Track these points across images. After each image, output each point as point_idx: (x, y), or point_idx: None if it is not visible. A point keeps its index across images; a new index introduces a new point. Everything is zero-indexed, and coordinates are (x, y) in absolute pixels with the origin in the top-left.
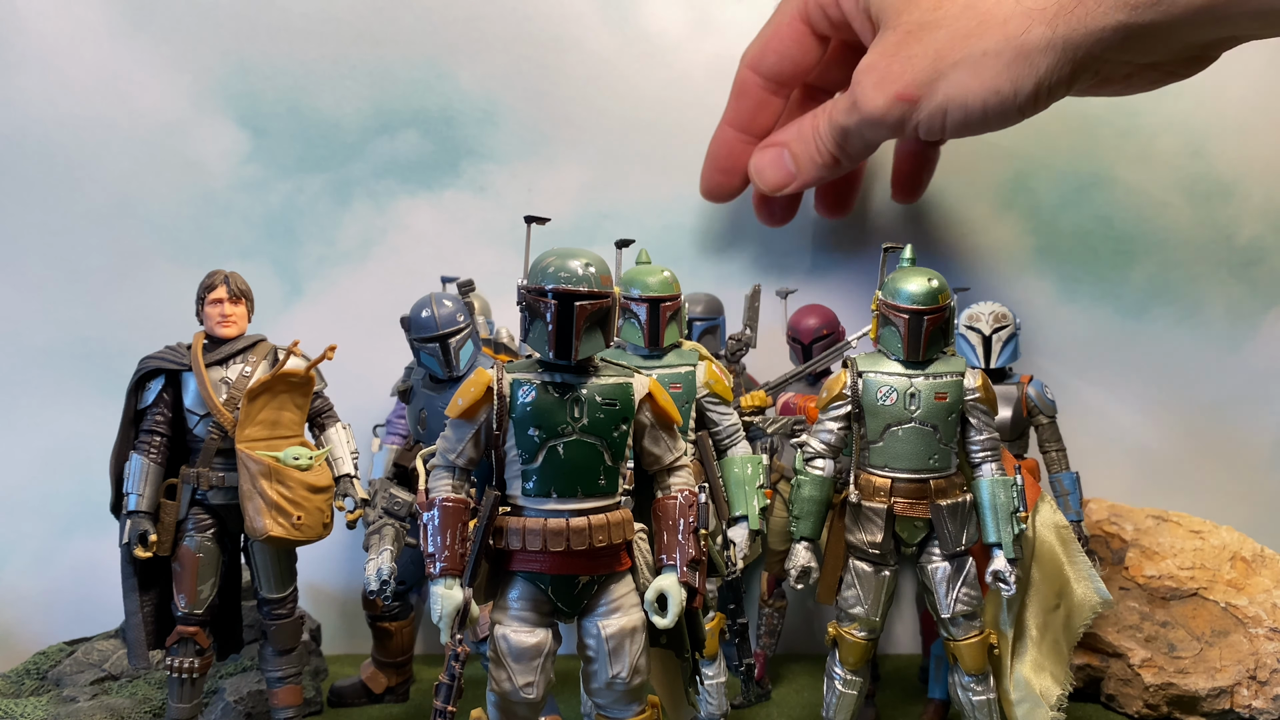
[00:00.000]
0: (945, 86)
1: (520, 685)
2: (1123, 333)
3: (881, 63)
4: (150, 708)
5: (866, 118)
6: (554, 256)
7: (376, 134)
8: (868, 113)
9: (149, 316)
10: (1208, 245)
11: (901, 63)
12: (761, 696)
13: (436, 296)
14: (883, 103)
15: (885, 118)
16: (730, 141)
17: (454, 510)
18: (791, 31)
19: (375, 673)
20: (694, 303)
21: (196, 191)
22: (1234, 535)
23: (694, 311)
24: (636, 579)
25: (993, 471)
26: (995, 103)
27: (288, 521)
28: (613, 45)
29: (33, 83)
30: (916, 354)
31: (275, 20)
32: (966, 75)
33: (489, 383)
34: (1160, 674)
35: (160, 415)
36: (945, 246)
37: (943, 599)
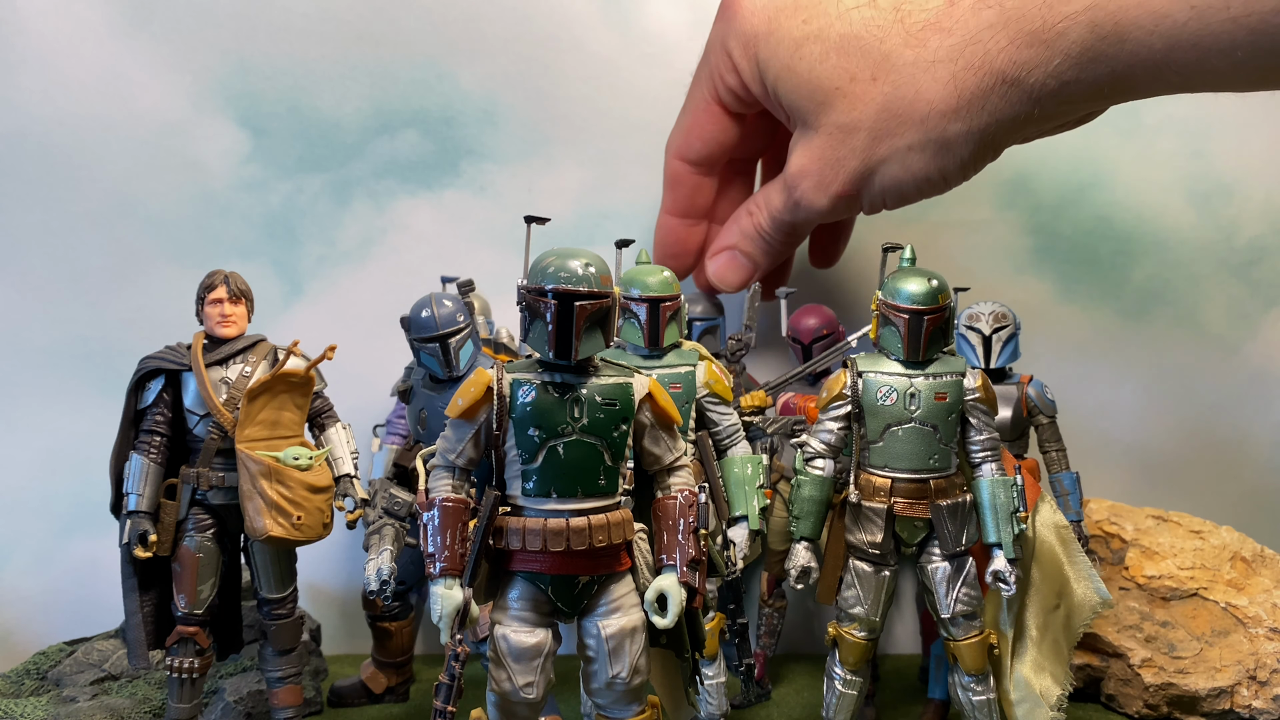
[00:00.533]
0: (878, 179)
1: (520, 685)
2: (1122, 333)
3: (815, 168)
4: (150, 708)
5: (811, 216)
6: (554, 256)
7: (377, 134)
8: (813, 212)
9: (149, 316)
10: (1208, 245)
11: (834, 167)
12: (761, 696)
13: (436, 296)
14: (825, 203)
15: (829, 213)
16: (674, 229)
17: (454, 510)
18: (709, 116)
19: (375, 673)
20: (694, 303)
21: (197, 191)
22: (1234, 535)
23: (694, 311)
24: (636, 579)
25: (993, 471)
26: (926, 186)
27: (288, 521)
28: (613, 45)
29: (33, 82)
30: (916, 354)
31: (275, 20)
32: (896, 168)
33: (489, 383)
34: (1160, 674)
35: (160, 415)
36: (945, 246)
37: (943, 599)
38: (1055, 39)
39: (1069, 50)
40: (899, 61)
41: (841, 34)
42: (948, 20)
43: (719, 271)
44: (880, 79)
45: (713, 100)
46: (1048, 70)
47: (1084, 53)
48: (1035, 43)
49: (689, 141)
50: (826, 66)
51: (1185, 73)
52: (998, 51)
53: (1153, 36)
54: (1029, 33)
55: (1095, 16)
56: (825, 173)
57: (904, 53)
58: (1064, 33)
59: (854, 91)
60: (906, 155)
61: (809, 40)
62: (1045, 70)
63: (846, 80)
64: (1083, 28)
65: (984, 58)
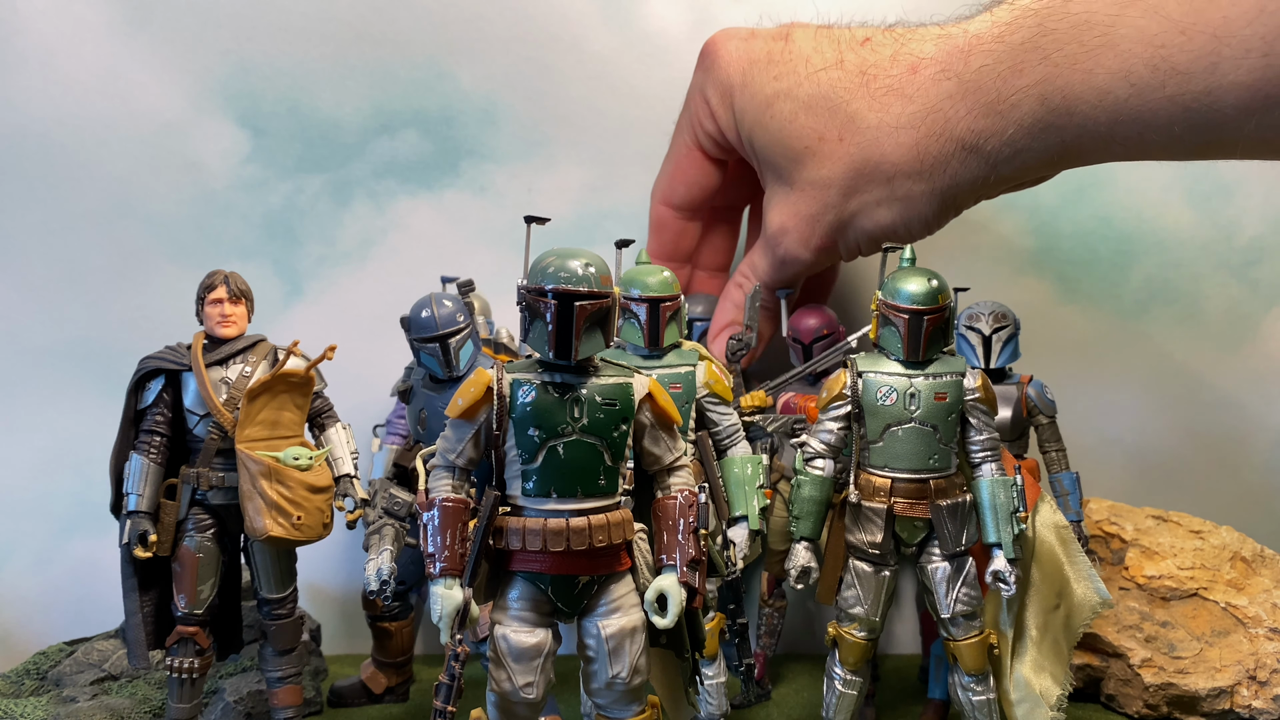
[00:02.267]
0: (852, 231)
1: (520, 685)
2: (1123, 333)
3: (793, 224)
4: (150, 708)
5: (797, 270)
6: (554, 256)
7: (376, 134)
8: (798, 265)
9: (149, 316)
10: (1208, 245)
11: (810, 222)
12: (761, 696)
13: (436, 296)
14: (809, 255)
15: (813, 265)
16: None
17: (454, 510)
18: (691, 162)
19: (375, 673)
20: (694, 303)
21: (196, 192)
22: (1234, 535)
23: (694, 311)
24: (636, 579)
25: (993, 471)
26: (893, 237)
27: (288, 521)
28: (613, 45)
29: (33, 83)
30: (916, 354)
31: (275, 20)
32: (866, 221)
33: (489, 383)
34: (1160, 674)
35: (160, 415)
36: (945, 246)
37: (943, 599)
38: (1009, 110)
39: (1022, 120)
40: (864, 124)
41: (810, 94)
42: (909, 87)
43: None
44: (847, 139)
45: (694, 146)
46: (1003, 139)
47: (1035, 123)
48: (991, 113)
49: (673, 187)
50: (796, 125)
51: (1128, 144)
52: (957, 120)
53: (1097, 111)
54: (985, 104)
55: (1045, 90)
56: (803, 228)
57: (869, 115)
58: (1017, 104)
59: (823, 150)
60: (875, 210)
61: (779, 97)
62: (1001, 139)
63: (815, 140)
64: (1034, 100)
65: (944, 125)
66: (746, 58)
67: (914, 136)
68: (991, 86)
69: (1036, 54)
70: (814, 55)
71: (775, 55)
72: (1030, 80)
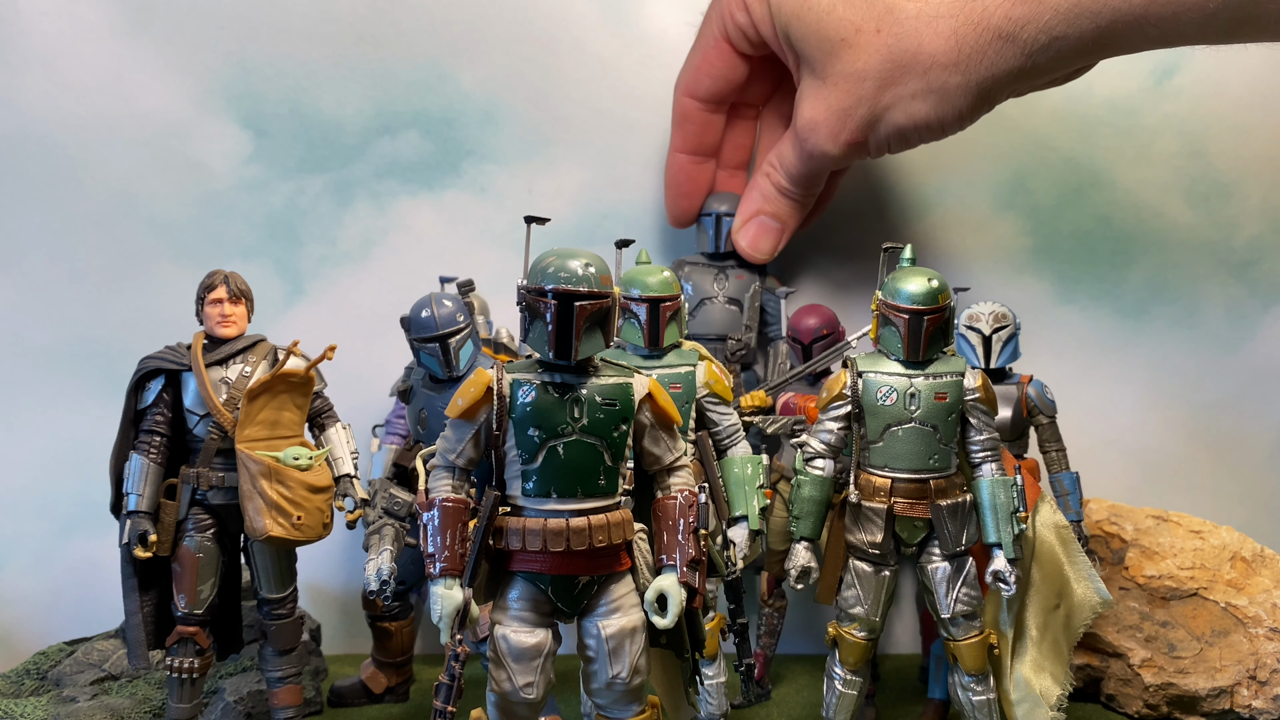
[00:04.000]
0: (883, 126)
1: (520, 685)
2: (1122, 333)
3: (824, 117)
4: (150, 708)
5: (825, 164)
6: (554, 256)
7: (378, 135)
8: (826, 160)
9: (149, 316)
10: (1207, 245)
11: (842, 116)
12: (761, 696)
13: (436, 296)
14: (837, 150)
15: (841, 160)
16: (685, 166)
17: (454, 510)
18: (719, 53)
19: (375, 673)
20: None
21: (198, 192)
22: (1234, 535)
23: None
24: (636, 579)
25: (993, 471)
26: (926, 132)
27: (288, 521)
28: (613, 46)
29: (34, 83)
30: (916, 354)
31: (277, 21)
32: (900, 115)
33: (489, 383)
34: (1160, 674)
35: (160, 415)
36: (945, 246)
37: (943, 599)
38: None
39: (1058, 5)
40: (902, 15)
41: None
42: None
43: (752, 241)
44: (884, 31)
45: (722, 39)
46: (1039, 25)
47: (1071, 8)
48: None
49: (698, 78)
50: (834, 17)
51: (1163, 25)
52: (994, 7)
53: None
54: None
55: None
56: (834, 122)
57: (907, 6)
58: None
59: (859, 42)
60: (910, 103)
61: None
62: (1037, 25)
63: (852, 32)
64: None
65: (981, 14)
66: None
67: (952, 25)
68: None
69: None
70: None
71: None
72: None
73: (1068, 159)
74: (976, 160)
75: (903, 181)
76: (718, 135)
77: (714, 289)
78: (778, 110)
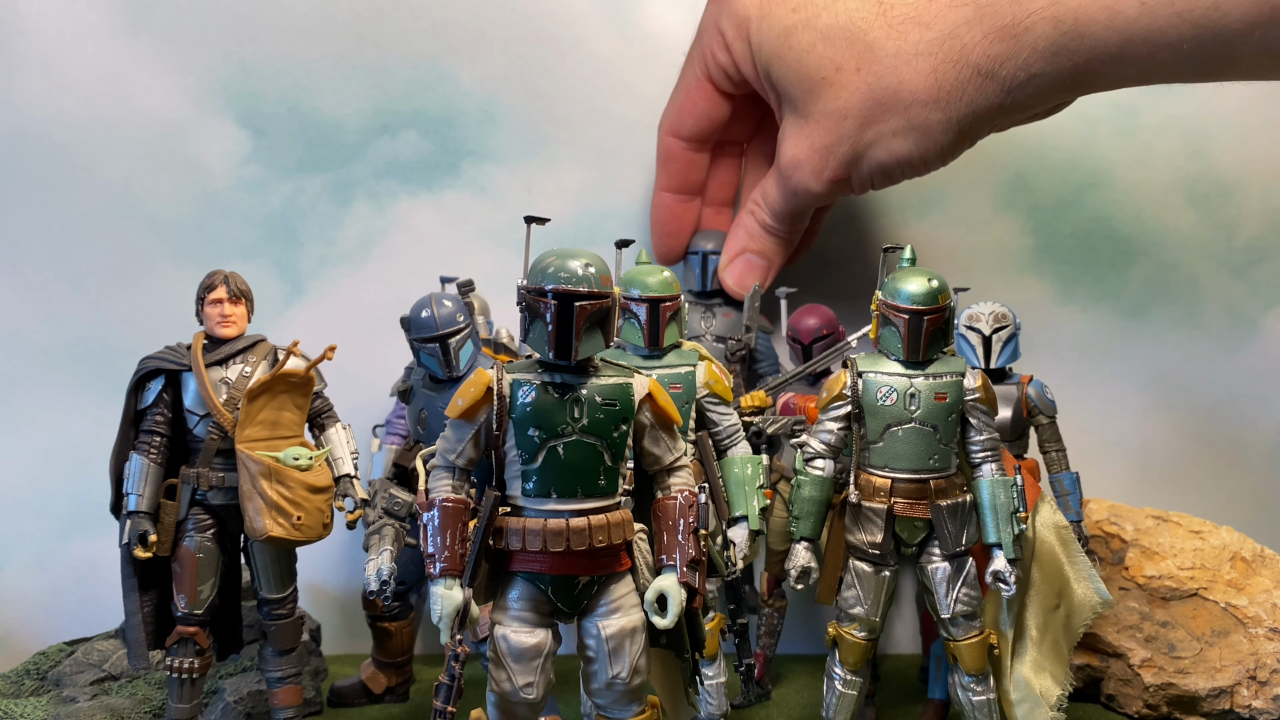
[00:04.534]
0: (866, 163)
1: (520, 685)
2: (1122, 333)
3: (807, 154)
4: (150, 708)
5: (809, 201)
6: (554, 257)
7: (377, 134)
8: (810, 197)
9: (149, 316)
10: (1208, 245)
11: (825, 154)
12: (761, 696)
13: (436, 296)
14: (821, 187)
15: (825, 197)
16: (670, 205)
17: (454, 510)
18: (701, 93)
19: (375, 673)
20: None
21: (197, 192)
22: (1234, 535)
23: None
24: (636, 579)
25: (993, 472)
26: (908, 168)
27: (288, 521)
28: (613, 46)
29: (34, 83)
30: (916, 354)
31: (276, 21)
32: (882, 152)
33: (489, 383)
34: (1160, 674)
35: (160, 415)
36: (945, 246)
37: (943, 599)
38: (1023, 33)
39: (1036, 44)
40: (882, 53)
41: (828, 24)
42: (926, 14)
43: (739, 278)
44: (864, 69)
45: (704, 78)
46: (1018, 63)
47: (1049, 46)
48: (1006, 37)
49: (681, 118)
50: (814, 56)
51: (1139, 65)
52: (973, 45)
53: (1108, 31)
54: (1000, 28)
55: (1057, 12)
56: (817, 159)
57: (886, 44)
58: (1031, 28)
59: (840, 81)
60: (891, 140)
61: (798, 29)
62: (1015, 63)
63: (833, 70)
64: (1047, 23)
65: (961, 51)
66: None
67: (931, 63)
68: (1006, 10)
69: None
70: None
71: None
72: (1043, 3)
73: (1068, 159)
74: (977, 160)
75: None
76: (702, 174)
77: (702, 327)
78: (761, 147)
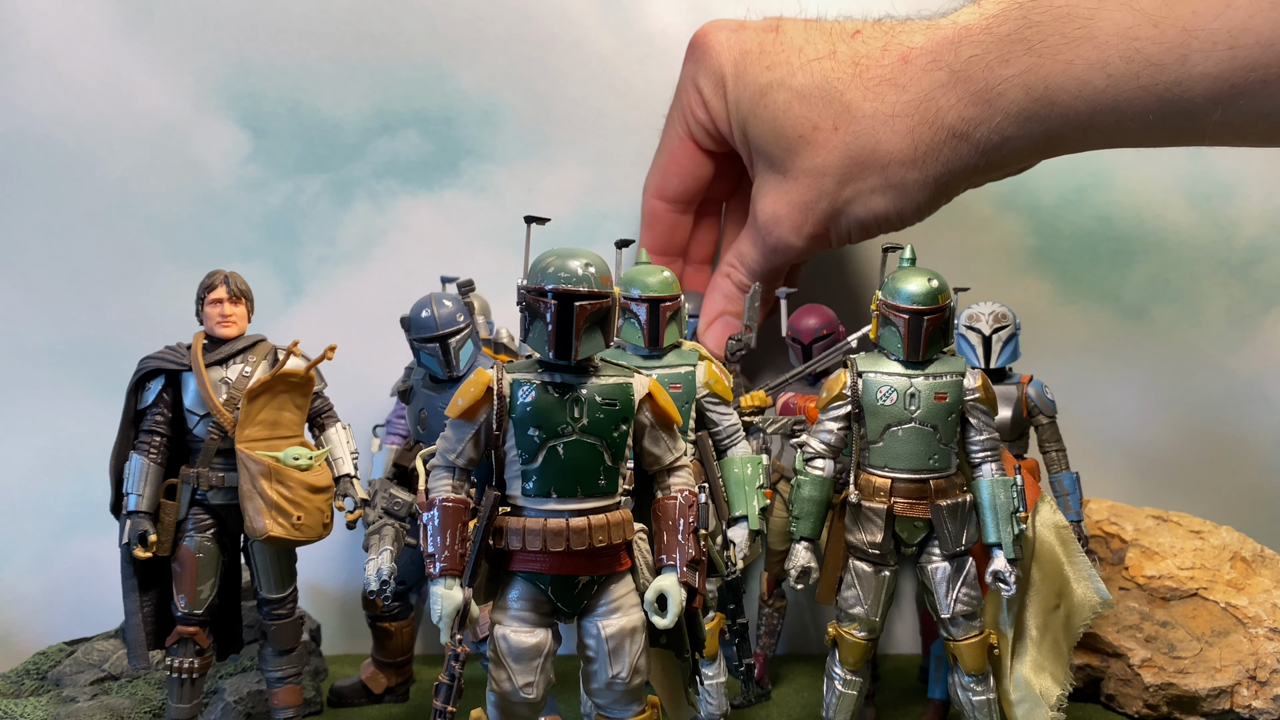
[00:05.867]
0: (844, 219)
1: (520, 685)
2: (1123, 333)
3: (786, 211)
4: (150, 708)
5: (788, 257)
6: (554, 257)
7: (377, 134)
8: (790, 253)
9: (149, 316)
10: (1208, 245)
11: (804, 210)
12: (761, 696)
13: (436, 296)
14: (800, 243)
15: (804, 253)
16: None
17: (454, 510)
18: (684, 151)
19: (375, 673)
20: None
21: (197, 192)
22: (1234, 535)
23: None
24: (636, 579)
25: (993, 471)
26: (885, 224)
27: (288, 521)
28: (613, 46)
29: (33, 83)
30: (916, 354)
31: (276, 21)
32: (860, 209)
33: (489, 383)
34: (1160, 674)
35: (160, 415)
36: (945, 246)
37: (943, 599)
38: (996, 99)
39: (1008, 109)
40: (859, 113)
41: (804, 83)
42: (902, 77)
43: (718, 342)
44: (842, 128)
45: (686, 137)
46: (991, 126)
47: (1021, 112)
48: (980, 102)
49: (665, 179)
50: (791, 114)
51: (1107, 132)
52: (948, 108)
53: (1077, 100)
54: (974, 93)
55: (1029, 80)
56: (797, 215)
57: (864, 105)
58: (1003, 93)
59: (818, 139)
60: (869, 197)
61: (774, 87)
62: (989, 126)
63: (809, 129)
64: (1019, 90)
65: (936, 114)
66: (739, 48)
67: (908, 124)
68: (980, 76)
69: (1021, 45)
70: (806, 46)
71: (767, 46)
72: (1016, 70)
73: (1069, 159)
74: None
75: None
76: (686, 235)
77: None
78: (740, 206)
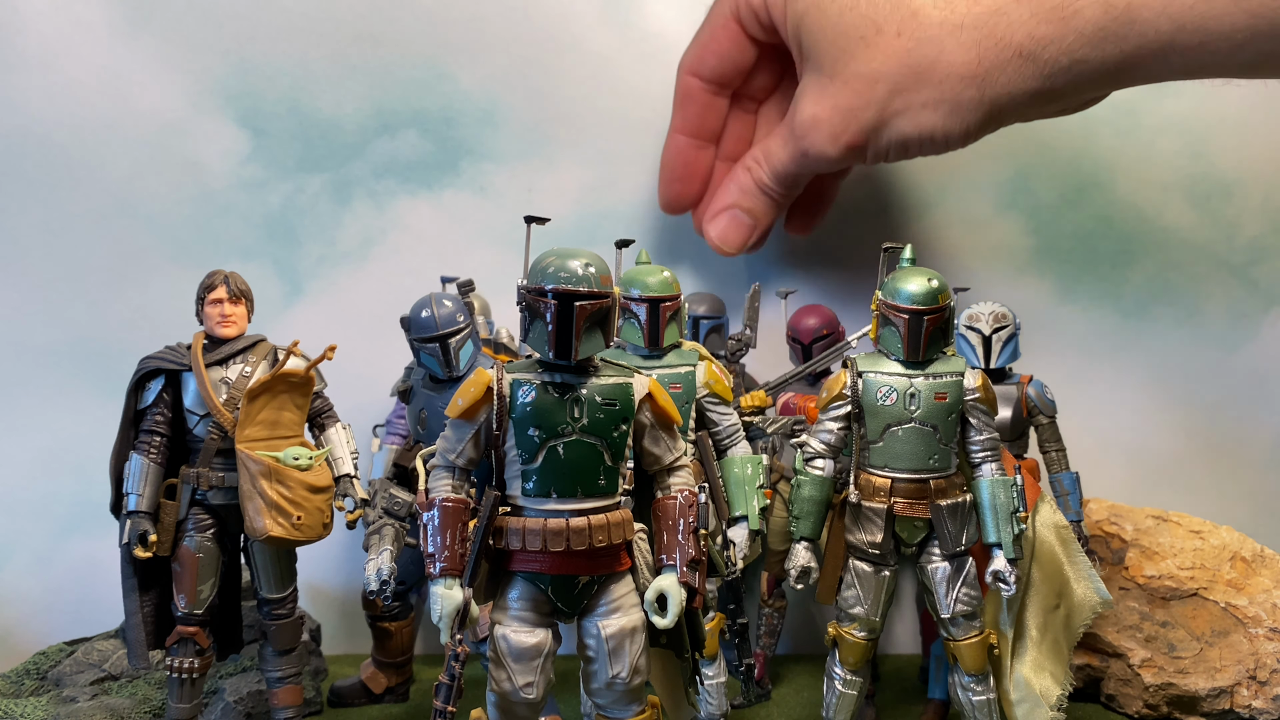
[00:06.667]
0: (887, 133)
1: (520, 685)
2: (1123, 333)
3: (828, 115)
4: (150, 708)
5: (819, 165)
6: (554, 256)
7: (376, 134)
8: (822, 161)
9: (149, 316)
10: (1208, 245)
11: (848, 117)
12: (761, 696)
13: (436, 296)
14: (836, 151)
15: (838, 162)
16: (683, 149)
17: (454, 510)
18: (727, 34)
19: (375, 673)
20: (698, 302)
21: (197, 191)
22: (1234, 535)
23: (698, 311)
24: (636, 579)
25: (993, 471)
26: (929, 144)
27: (288, 521)
28: (613, 45)
29: (33, 83)
30: (916, 354)
31: (275, 20)
32: (907, 123)
33: (489, 383)
34: (1160, 674)
35: (160, 415)
36: (945, 246)
37: (943, 599)
38: (1071, 16)
39: (1083, 28)
40: (926, 20)
41: None
42: None
43: (722, 233)
44: (905, 34)
45: (733, 18)
46: (1062, 47)
47: (1097, 31)
48: (1054, 19)
49: (704, 57)
50: (855, 13)
51: (1188, 56)
52: (1019, 24)
53: (1160, 18)
54: (1049, 9)
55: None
56: (838, 121)
57: (932, 12)
58: (1080, 10)
59: (878, 43)
60: (920, 112)
61: None
62: (1060, 47)
63: (872, 31)
64: (1098, 7)
65: (1006, 29)
66: None
67: (975, 37)
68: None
69: None
70: None
71: None
72: None
73: (1069, 159)
74: (978, 160)
75: (903, 181)
76: (720, 120)
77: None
78: (777, 106)
